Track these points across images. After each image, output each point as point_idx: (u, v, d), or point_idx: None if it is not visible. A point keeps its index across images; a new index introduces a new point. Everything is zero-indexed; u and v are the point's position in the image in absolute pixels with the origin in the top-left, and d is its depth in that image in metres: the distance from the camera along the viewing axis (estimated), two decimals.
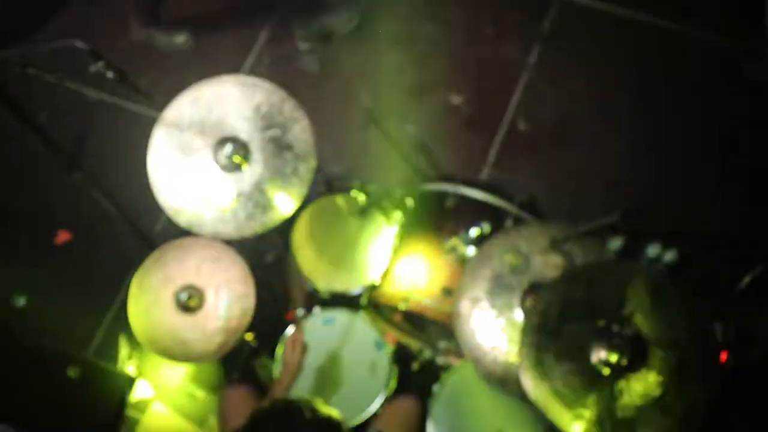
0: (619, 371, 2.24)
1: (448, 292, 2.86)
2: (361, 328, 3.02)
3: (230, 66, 4.06)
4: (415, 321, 3.18)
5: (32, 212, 3.88)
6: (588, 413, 2.25)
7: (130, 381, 3.42)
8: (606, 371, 2.24)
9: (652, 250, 2.97)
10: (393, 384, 2.93)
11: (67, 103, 3.83)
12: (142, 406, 3.46)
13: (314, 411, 2.00)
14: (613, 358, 2.22)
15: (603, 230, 2.55)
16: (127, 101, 2.65)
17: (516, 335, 2.57)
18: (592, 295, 2.36)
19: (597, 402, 2.24)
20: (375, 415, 2.87)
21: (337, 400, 2.90)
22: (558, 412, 2.27)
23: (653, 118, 3.63)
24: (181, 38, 4.17)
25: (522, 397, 2.51)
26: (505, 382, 2.59)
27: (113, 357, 3.54)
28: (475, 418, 2.80)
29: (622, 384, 2.23)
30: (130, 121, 3.79)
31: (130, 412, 3.43)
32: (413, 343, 3.11)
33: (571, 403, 2.27)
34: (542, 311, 2.39)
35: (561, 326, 2.34)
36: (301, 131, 2.68)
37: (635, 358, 2.23)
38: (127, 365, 3.51)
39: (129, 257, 3.37)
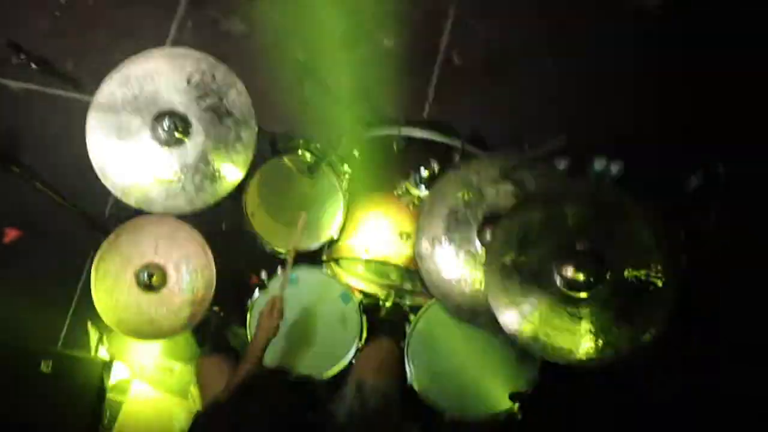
0: (583, 288, 2.28)
1: (407, 236, 2.84)
2: (326, 283, 3.00)
3: (154, 37, 3.89)
4: (377, 269, 3.18)
5: None
6: (554, 332, 2.29)
7: (105, 365, 3.38)
8: (571, 290, 2.28)
9: (599, 164, 2.99)
10: (365, 332, 2.93)
11: None
12: (122, 388, 3.43)
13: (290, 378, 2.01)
14: (580, 276, 2.25)
15: (549, 152, 2.55)
16: (55, 89, 2.54)
17: (478, 267, 2.60)
18: (550, 217, 2.38)
19: (562, 319, 2.28)
20: (351, 364, 2.88)
21: (313, 355, 2.89)
22: (527, 335, 2.31)
23: (576, 36, 3.62)
24: None
25: (492, 326, 2.56)
26: (474, 314, 2.63)
27: (84, 345, 3.48)
28: (450, 352, 2.83)
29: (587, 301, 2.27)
30: (62, 109, 3.68)
31: (111, 396, 3.40)
32: (379, 291, 3.11)
33: (539, 324, 2.30)
34: (502, 240, 2.41)
35: (522, 251, 2.36)
36: (237, 95, 2.62)
37: (597, 276, 2.27)
38: (99, 351, 3.45)
39: (83, 244, 3.28)
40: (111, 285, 2.86)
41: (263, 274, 3.02)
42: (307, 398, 2.49)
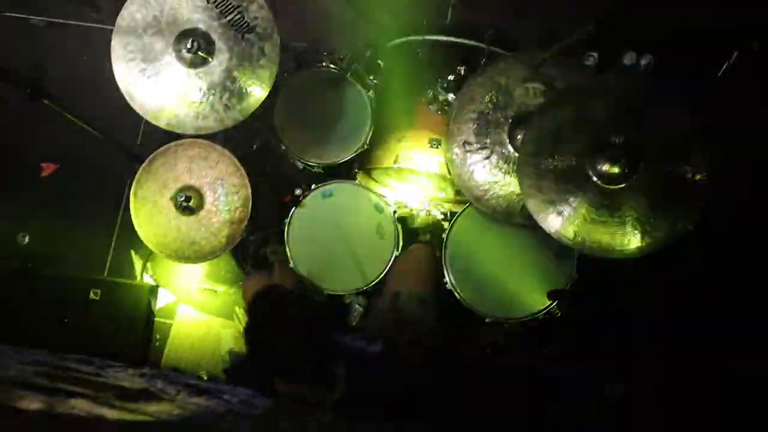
0: (620, 181, 2.23)
1: (437, 142, 2.79)
2: (360, 194, 2.98)
3: None
4: (409, 177, 3.14)
5: (10, 153, 3.74)
6: (594, 228, 2.26)
7: (151, 290, 3.44)
8: (607, 184, 2.23)
9: (628, 58, 2.88)
10: (401, 242, 2.91)
11: (15, 34, 3.63)
12: (169, 311, 3.49)
13: (302, 294, 2.02)
14: (615, 169, 2.20)
15: (577, 48, 2.46)
16: (77, 20, 2.48)
17: (511, 169, 2.56)
18: (580, 113, 2.31)
19: (602, 214, 2.24)
20: (389, 273, 2.88)
21: (350, 267, 2.90)
22: (569, 235, 2.27)
23: None
24: None
25: (528, 225, 2.54)
26: (510, 215, 2.60)
27: (129, 273, 3.52)
28: (486, 255, 2.82)
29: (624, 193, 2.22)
30: (85, 39, 3.63)
31: (159, 319, 3.48)
32: (412, 199, 3.08)
33: (578, 222, 2.27)
34: (535, 138, 2.35)
35: (556, 149, 2.30)
36: (258, 9, 2.54)
37: (632, 167, 2.21)
38: (144, 277, 3.50)
39: (119, 175, 3.29)
40: (150, 211, 2.87)
41: (297, 191, 3.00)
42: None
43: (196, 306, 3.49)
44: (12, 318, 3.24)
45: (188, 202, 2.79)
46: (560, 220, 2.29)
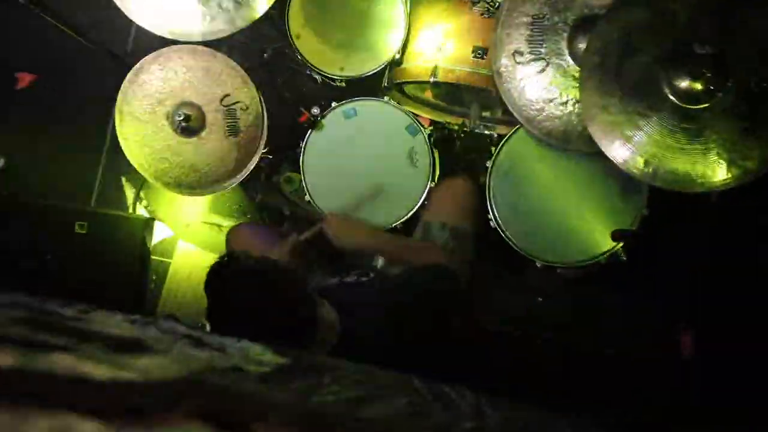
0: (702, 100, 2.18)
1: (482, 52, 2.74)
2: (389, 114, 2.94)
3: None
4: (449, 93, 3.11)
5: None
6: (671, 156, 2.22)
7: (146, 224, 3.40)
8: (686, 103, 2.19)
9: None
10: (437, 170, 2.90)
11: None
12: (166, 248, 3.54)
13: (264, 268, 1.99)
14: (697, 85, 2.15)
15: None
16: None
17: (571, 84, 2.52)
18: (657, 15, 2.25)
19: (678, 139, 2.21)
20: (423, 206, 2.87)
21: (378, 200, 2.88)
22: (639, 164, 2.24)
23: None
24: None
25: (589, 153, 2.51)
26: (567, 140, 2.58)
27: (120, 203, 3.56)
28: (539, 187, 2.79)
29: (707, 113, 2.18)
30: None
31: (156, 257, 3.51)
32: (452, 120, 3.06)
33: (651, 148, 2.23)
34: (600, 48, 2.30)
35: (625, 61, 2.26)
36: None
37: (718, 83, 2.16)
38: (138, 209, 3.54)
39: (108, 87, 3.26)
40: (141, 131, 2.87)
41: (315, 110, 2.97)
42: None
43: (197, 243, 3.53)
44: None
45: (188, 122, 2.78)
46: (628, 147, 2.26)
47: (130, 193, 3.55)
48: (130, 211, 3.54)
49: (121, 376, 0.77)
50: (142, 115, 2.85)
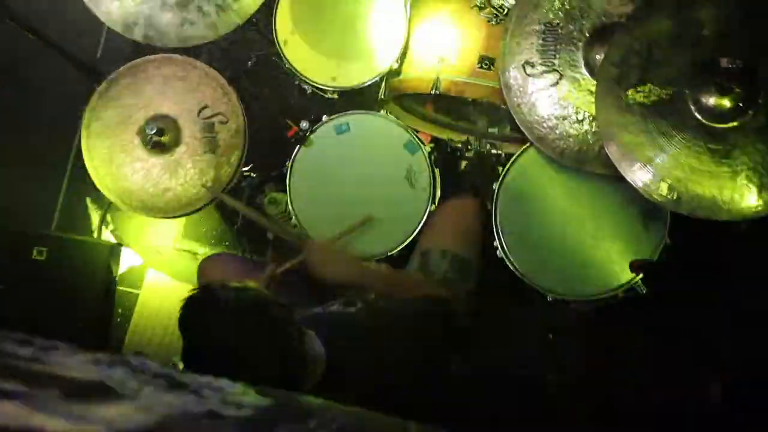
0: (730, 118, 2.19)
1: (489, 62, 2.75)
2: (385, 129, 2.94)
3: None
4: (452, 108, 3.12)
5: None
6: (695, 179, 2.22)
7: (112, 250, 3.40)
8: (713, 122, 2.20)
9: None
10: (438, 191, 2.89)
11: None
12: (135, 278, 3.52)
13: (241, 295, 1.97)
14: (725, 102, 2.16)
15: None
16: None
17: (586, 99, 2.53)
18: (681, 26, 2.26)
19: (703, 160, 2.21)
20: (421, 232, 2.85)
21: (373, 226, 2.86)
22: (656, 182, 2.25)
23: None
24: None
25: (606, 175, 2.51)
26: (582, 161, 2.58)
27: (83, 227, 3.55)
28: (551, 212, 2.79)
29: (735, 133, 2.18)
30: None
31: (122, 287, 3.49)
32: (455, 136, 3.06)
33: (674, 170, 2.23)
34: (619, 60, 2.31)
35: (646, 75, 2.26)
36: None
37: (748, 100, 2.17)
38: (103, 233, 3.53)
39: (74, 97, 3.28)
40: (109, 147, 2.86)
41: (304, 124, 2.98)
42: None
43: (169, 272, 3.52)
44: None
45: (161, 136, 2.78)
46: (649, 169, 2.26)
47: (95, 216, 3.55)
48: (95, 236, 3.53)
49: (80, 429, 0.75)
50: (110, 130, 2.85)
